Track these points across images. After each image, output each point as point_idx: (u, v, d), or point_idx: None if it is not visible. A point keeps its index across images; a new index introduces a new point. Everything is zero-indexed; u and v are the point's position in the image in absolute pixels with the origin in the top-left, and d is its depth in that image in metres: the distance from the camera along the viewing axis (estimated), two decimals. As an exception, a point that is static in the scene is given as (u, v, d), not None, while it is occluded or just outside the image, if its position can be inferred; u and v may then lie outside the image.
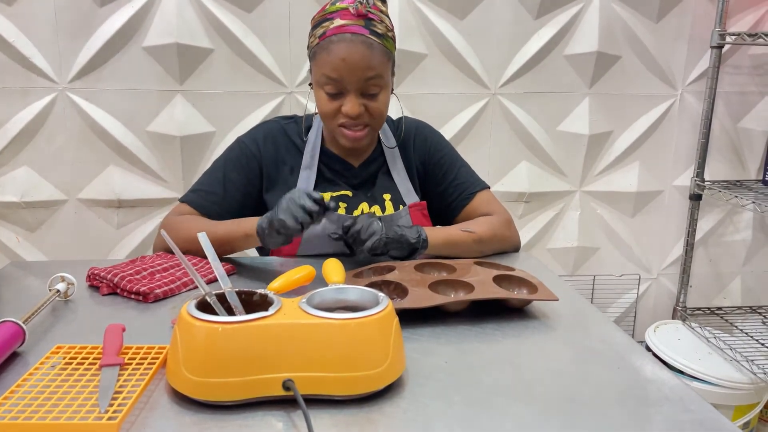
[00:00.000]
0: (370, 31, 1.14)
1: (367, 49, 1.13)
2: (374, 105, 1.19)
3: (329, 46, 1.13)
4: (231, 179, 1.26)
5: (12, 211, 1.85)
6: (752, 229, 2.24)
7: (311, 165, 1.28)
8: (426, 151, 1.35)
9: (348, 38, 1.12)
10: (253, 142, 1.29)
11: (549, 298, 0.98)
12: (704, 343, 1.95)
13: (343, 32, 1.13)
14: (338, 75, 1.14)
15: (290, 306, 0.74)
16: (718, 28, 1.94)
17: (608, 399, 0.74)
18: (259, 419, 0.68)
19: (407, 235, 1.15)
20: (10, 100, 1.77)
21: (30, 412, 0.64)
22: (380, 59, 1.15)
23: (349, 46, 1.12)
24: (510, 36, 1.95)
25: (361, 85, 1.15)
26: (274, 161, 1.28)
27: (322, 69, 1.15)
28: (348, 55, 1.12)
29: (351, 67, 1.13)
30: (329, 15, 1.15)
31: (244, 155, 1.28)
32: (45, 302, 0.94)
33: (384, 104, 1.20)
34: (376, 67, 1.15)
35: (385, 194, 1.30)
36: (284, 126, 1.32)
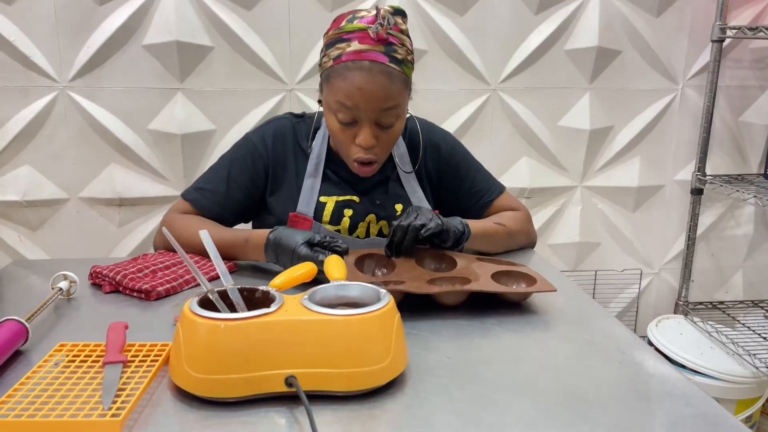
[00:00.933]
0: (389, 57, 1.07)
1: (386, 79, 1.07)
2: (386, 136, 1.13)
3: (345, 73, 1.07)
4: (235, 179, 1.23)
5: (14, 210, 1.85)
6: (754, 223, 2.24)
7: (316, 173, 1.23)
8: (438, 158, 1.30)
9: (366, 66, 1.05)
10: (261, 142, 1.24)
11: (546, 290, 0.98)
12: (706, 338, 1.95)
13: (360, 59, 1.06)
14: (353, 104, 1.07)
15: (292, 303, 0.75)
16: (719, 21, 1.93)
17: (610, 394, 0.75)
18: (262, 415, 0.68)
19: (452, 224, 1.14)
20: (10, 99, 1.77)
21: (34, 409, 0.64)
22: (399, 88, 1.09)
23: (367, 75, 1.06)
24: (510, 31, 1.94)
25: (377, 115, 1.09)
26: (281, 163, 1.25)
27: (336, 95, 1.09)
28: (365, 85, 1.06)
29: (368, 97, 1.06)
30: (345, 35, 1.08)
31: (251, 155, 1.24)
32: (48, 300, 0.94)
33: (397, 133, 1.15)
34: (395, 97, 1.09)
35: (397, 204, 1.26)
36: (294, 124, 1.27)
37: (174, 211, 1.24)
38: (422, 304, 0.98)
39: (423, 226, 1.09)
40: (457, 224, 1.15)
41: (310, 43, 1.86)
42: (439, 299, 0.99)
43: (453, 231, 1.13)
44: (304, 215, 1.21)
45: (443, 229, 1.11)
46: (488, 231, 1.22)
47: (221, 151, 1.31)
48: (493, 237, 1.23)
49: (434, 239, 1.13)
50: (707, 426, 0.68)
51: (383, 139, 1.13)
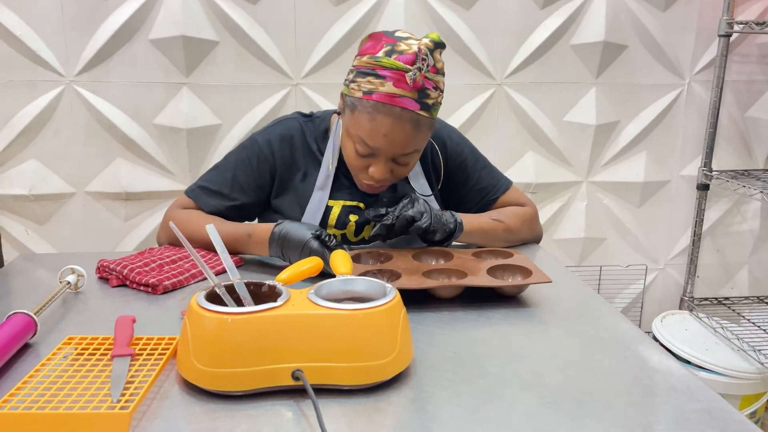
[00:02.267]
0: (421, 105, 1.05)
1: (413, 128, 1.06)
2: (401, 170, 1.14)
3: (374, 114, 1.05)
4: (239, 181, 1.22)
5: (21, 204, 1.86)
6: (760, 219, 2.23)
7: (325, 186, 1.22)
8: (446, 155, 1.29)
9: (396, 113, 1.04)
10: (268, 145, 1.22)
11: (542, 281, 0.99)
12: (711, 333, 1.94)
13: (392, 104, 1.03)
14: (375, 145, 1.07)
15: (298, 297, 0.75)
16: (726, 16, 1.92)
17: (615, 389, 0.75)
18: (269, 409, 0.69)
19: (445, 218, 1.16)
20: (17, 93, 1.78)
21: (43, 402, 0.65)
22: (423, 135, 1.10)
23: (395, 122, 1.04)
24: (516, 26, 1.94)
25: (394, 156, 1.11)
26: (288, 166, 1.23)
27: (359, 130, 1.08)
28: (391, 132, 1.05)
29: (390, 142, 1.07)
30: (381, 71, 1.04)
31: (256, 157, 1.22)
32: (56, 294, 0.95)
33: (412, 167, 1.17)
34: (417, 144, 1.10)
35: None
36: (303, 125, 1.25)
37: (176, 207, 1.24)
38: (420, 297, 0.99)
39: (413, 219, 1.12)
40: (448, 219, 1.17)
41: (315, 37, 1.86)
42: (434, 292, 1.00)
43: (443, 225, 1.15)
44: None
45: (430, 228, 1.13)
46: (483, 227, 1.22)
47: (227, 146, 1.32)
48: (489, 233, 1.23)
49: (422, 236, 1.16)
50: (712, 421, 0.68)
51: (396, 172, 1.15)
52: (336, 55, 1.87)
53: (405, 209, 1.12)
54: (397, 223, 1.12)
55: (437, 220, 1.15)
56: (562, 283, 1.09)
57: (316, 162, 1.23)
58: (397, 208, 1.13)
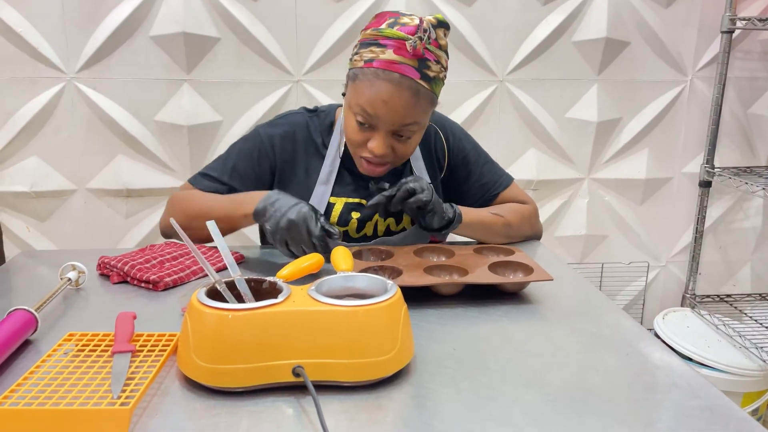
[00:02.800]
0: (421, 74, 1.04)
1: (413, 97, 1.05)
2: (402, 147, 1.12)
3: (373, 80, 1.04)
4: (239, 172, 1.22)
5: (22, 201, 1.86)
6: (762, 216, 2.23)
7: (328, 180, 1.22)
8: (449, 150, 1.29)
9: (395, 79, 1.03)
10: (270, 140, 1.22)
11: (543, 279, 0.99)
12: (713, 331, 1.94)
13: (391, 70, 1.03)
14: (375, 113, 1.06)
15: (299, 293, 0.75)
16: (729, 12, 1.92)
17: (617, 385, 0.75)
18: (269, 405, 0.69)
19: (444, 207, 1.16)
20: (18, 90, 1.78)
21: (43, 398, 0.65)
22: (423, 107, 1.08)
23: (394, 88, 1.03)
24: (518, 22, 1.94)
25: (396, 127, 1.08)
26: (290, 162, 1.23)
27: (359, 99, 1.07)
28: (390, 98, 1.04)
29: (390, 111, 1.05)
30: (383, 40, 1.04)
31: (257, 150, 1.22)
32: (57, 290, 0.95)
33: (413, 146, 1.14)
34: (417, 115, 1.08)
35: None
36: (308, 120, 1.25)
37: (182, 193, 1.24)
38: (421, 294, 0.99)
39: (413, 191, 1.11)
40: (447, 209, 1.16)
41: (316, 34, 1.85)
42: (435, 289, 1.00)
43: (442, 212, 1.14)
44: None
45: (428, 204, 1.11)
46: (484, 221, 1.22)
47: (228, 143, 1.31)
48: (489, 227, 1.23)
49: (421, 217, 1.14)
50: (714, 418, 0.68)
51: (398, 150, 1.12)
52: (337, 52, 1.87)
53: (407, 183, 1.12)
54: (398, 194, 1.10)
55: (437, 202, 1.13)
56: (564, 280, 1.09)
57: (320, 157, 1.23)
58: (400, 182, 1.12)
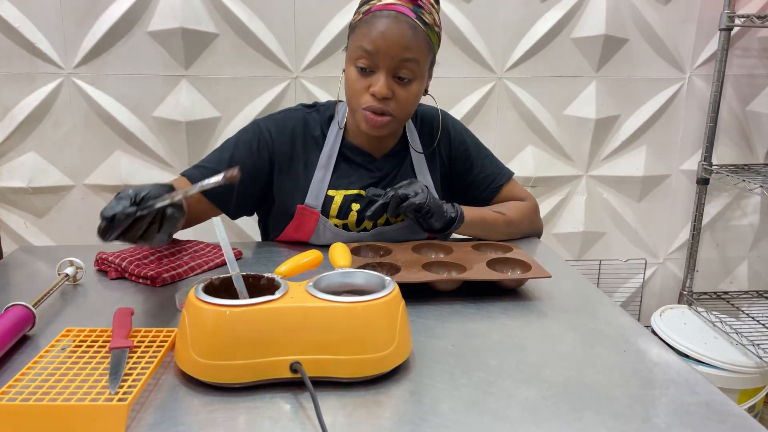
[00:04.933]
0: (416, 15, 1.09)
1: (410, 30, 1.08)
2: (403, 93, 1.12)
3: (371, 20, 1.08)
4: (237, 162, 1.20)
5: (20, 197, 1.86)
6: (759, 214, 2.23)
7: (327, 165, 1.22)
8: (449, 143, 1.30)
9: (393, 15, 1.07)
10: (268, 130, 1.22)
11: (541, 276, 0.99)
12: (710, 328, 1.95)
13: (388, 9, 1.08)
14: (374, 48, 1.08)
15: (297, 290, 0.75)
16: (727, 10, 1.92)
17: (614, 381, 0.75)
18: (267, 401, 0.69)
19: (445, 207, 1.16)
20: (16, 85, 1.77)
21: (41, 393, 0.65)
22: (420, 45, 1.10)
23: (392, 22, 1.07)
24: (516, 19, 1.93)
25: (396, 64, 1.09)
26: (288, 154, 1.23)
27: (359, 41, 1.10)
28: (388, 30, 1.07)
29: (389, 42, 1.07)
30: None
31: (257, 140, 1.22)
32: (54, 286, 0.95)
33: (414, 96, 1.14)
34: (415, 49, 1.09)
35: None
36: (306, 116, 1.26)
37: None
38: (419, 290, 0.99)
39: (406, 196, 1.11)
40: (448, 209, 1.17)
41: (315, 30, 1.85)
42: (433, 285, 1.00)
43: (442, 213, 1.14)
44: (311, 208, 1.21)
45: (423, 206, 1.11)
46: (486, 218, 1.23)
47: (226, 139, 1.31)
48: (491, 225, 1.23)
49: (421, 220, 1.14)
50: (711, 414, 0.68)
51: (399, 96, 1.12)
52: (336, 48, 1.87)
53: (400, 188, 1.12)
54: (392, 201, 1.11)
55: (435, 203, 1.13)
56: (562, 277, 1.09)
57: (319, 150, 1.24)
58: (393, 188, 1.13)
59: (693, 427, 0.66)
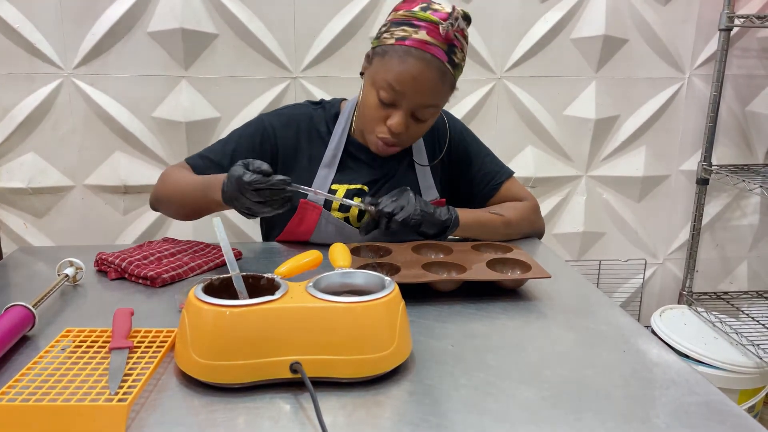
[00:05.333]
0: (448, 58, 1.10)
1: (440, 78, 1.10)
2: (416, 129, 1.17)
3: (405, 57, 1.08)
4: (240, 156, 1.20)
5: (19, 198, 1.86)
6: (759, 214, 2.23)
7: (332, 163, 1.24)
8: (450, 138, 1.32)
9: (427, 59, 1.08)
10: (272, 126, 1.25)
11: (541, 276, 0.99)
12: (710, 328, 1.95)
13: (424, 49, 1.08)
14: (401, 89, 1.10)
15: (297, 290, 0.75)
16: (727, 10, 1.92)
17: (614, 382, 0.75)
18: (267, 401, 0.69)
19: (438, 213, 1.16)
20: (15, 86, 1.77)
21: (41, 394, 0.65)
22: (446, 90, 1.14)
23: (425, 67, 1.08)
24: (516, 20, 1.93)
25: (417, 107, 1.13)
26: (293, 148, 1.25)
27: (387, 74, 1.10)
28: (419, 75, 1.09)
29: (417, 88, 1.10)
30: (416, 21, 1.09)
31: (260, 135, 1.24)
32: (54, 287, 0.95)
33: (424, 130, 1.20)
34: (438, 97, 1.13)
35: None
36: (311, 112, 1.28)
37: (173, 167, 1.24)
38: (419, 291, 0.99)
39: (392, 213, 1.11)
40: (442, 213, 1.17)
41: (315, 31, 1.85)
42: (433, 285, 1.00)
43: (433, 220, 1.14)
44: (314, 203, 1.21)
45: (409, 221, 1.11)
46: (481, 220, 1.23)
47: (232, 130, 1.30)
48: (487, 226, 1.23)
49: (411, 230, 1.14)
50: (711, 414, 0.68)
51: (412, 130, 1.17)
52: (335, 49, 1.87)
53: (386, 206, 1.11)
54: (379, 221, 1.13)
55: (424, 213, 1.13)
56: (562, 278, 1.09)
57: (323, 145, 1.25)
58: (381, 202, 1.13)
59: (693, 427, 0.66)
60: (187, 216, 1.21)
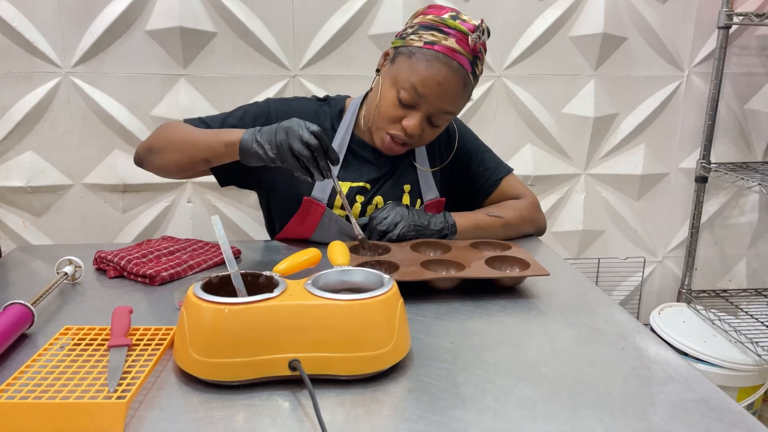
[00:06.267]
0: (472, 69, 1.13)
1: (462, 87, 1.12)
2: (430, 134, 1.19)
3: (433, 62, 1.10)
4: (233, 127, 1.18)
5: (18, 196, 1.85)
6: (758, 212, 2.23)
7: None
8: (449, 138, 1.33)
9: (454, 66, 1.10)
10: (277, 112, 1.24)
11: (539, 274, 0.99)
12: (709, 326, 1.95)
13: (452, 57, 1.10)
14: (424, 92, 1.11)
15: (296, 288, 0.75)
16: (725, 8, 1.92)
17: (612, 379, 0.75)
18: (266, 399, 0.69)
19: (434, 223, 1.19)
20: (14, 84, 1.77)
21: (40, 391, 0.65)
22: (464, 100, 1.16)
23: (451, 74, 1.10)
24: (515, 18, 1.93)
25: (436, 112, 1.14)
26: None
27: (412, 76, 1.11)
28: (444, 81, 1.10)
29: (440, 94, 1.11)
30: (446, 29, 1.11)
31: (265, 117, 1.23)
32: (53, 285, 0.95)
33: (436, 135, 1.21)
34: (458, 105, 1.15)
35: (405, 185, 1.28)
36: (317, 108, 1.28)
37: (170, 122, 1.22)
38: (418, 289, 0.99)
39: (385, 233, 1.17)
40: (438, 221, 1.20)
41: (313, 29, 1.85)
42: (432, 283, 1.00)
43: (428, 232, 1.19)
44: (318, 201, 1.21)
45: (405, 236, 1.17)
46: (480, 225, 1.25)
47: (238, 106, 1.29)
48: (486, 230, 1.25)
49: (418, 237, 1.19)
50: (709, 411, 0.68)
51: (425, 134, 1.18)
52: (334, 47, 1.87)
53: (380, 224, 1.17)
54: (372, 238, 1.18)
55: (418, 225, 1.18)
56: (561, 276, 1.09)
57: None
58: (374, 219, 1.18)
59: (691, 424, 0.66)
60: (179, 167, 1.15)
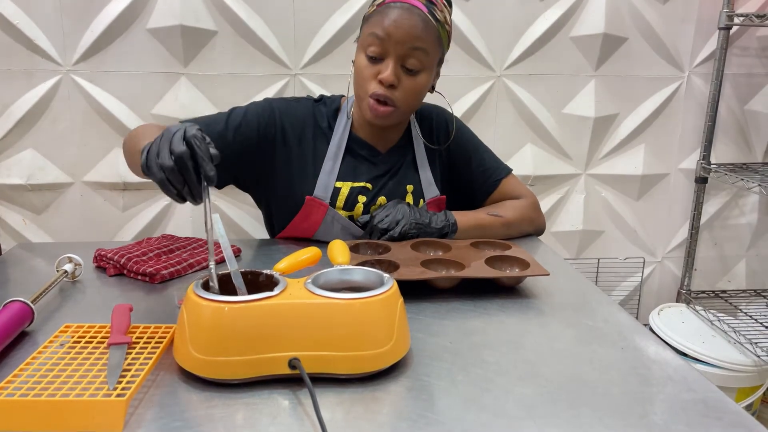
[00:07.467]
0: (428, 9, 1.12)
1: (421, 21, 1.11)
2: (409, 83, 1.15)
3: (385, 10, 1.12)
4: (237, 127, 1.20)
5: (18, 194, 1.85)
6: (758, 213, 2.23)
7: (336, 156, 1.24)
8: (447, 134, 1.33)
9: (406, 7, 1.11)
10: (278, 110, 1.24)
11: (539, 273, 0.99)
12: (708, 326, 1.95)
13: (402, 1, 1.11)
14: (385, 35, 1.11)
15: (296, 286, 0.75)
16: (726, 9, 1.92)
17: (611, 378, 0.75)
18: (266, 397, 0.69)
19: (435, 221, 1.19)
20: (14, 82, 1.77)
21: (39, 389, 0.65)
22: (430, 37, 1.13)
23: (404, 13, 1.11)
24: (515, 17, 1.93)
25: (405, 52, 1.12)
26: (297, 137, 1.24)
27: (370, 29, 1.13)
28: (400, 18, 1.10)
29: (400, 30, 1.10)
30: None
31: (266, 116, 1.22)
32: (53, 283, 0.95)
33: (420, 87, 1.17)
34: (425, 40, 1.12)
35: (408, 185, 1.28)
36: (314, 109, 1.28)
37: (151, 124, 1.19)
38: (418, 288, 0.99)
39: (386, 230, 1.17)
40: (439, 220, 1.20)
41: (314, 28, 1.85)
42: (432, 283, 1.00)
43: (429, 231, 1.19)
44: (320, 200, 1.21)
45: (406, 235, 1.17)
46: (481, 224, 1.25)
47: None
48: (486, 229, 1.25)
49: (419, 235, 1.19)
50: (708, 411, 0.68)
51: (405, 85, 1.15)
52: (335, 46, 1.86)
53: (381, 222, 1.17)
54: (373, 236, 1.18)
55: (419, 224, 1.18)
56: (560, 275, 1.09)
57: (326, 141, 1.26)
58: (376, 216, 1.18)
59: (690, 424, 0.66)
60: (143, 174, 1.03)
